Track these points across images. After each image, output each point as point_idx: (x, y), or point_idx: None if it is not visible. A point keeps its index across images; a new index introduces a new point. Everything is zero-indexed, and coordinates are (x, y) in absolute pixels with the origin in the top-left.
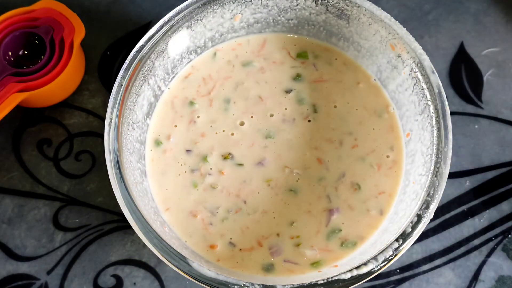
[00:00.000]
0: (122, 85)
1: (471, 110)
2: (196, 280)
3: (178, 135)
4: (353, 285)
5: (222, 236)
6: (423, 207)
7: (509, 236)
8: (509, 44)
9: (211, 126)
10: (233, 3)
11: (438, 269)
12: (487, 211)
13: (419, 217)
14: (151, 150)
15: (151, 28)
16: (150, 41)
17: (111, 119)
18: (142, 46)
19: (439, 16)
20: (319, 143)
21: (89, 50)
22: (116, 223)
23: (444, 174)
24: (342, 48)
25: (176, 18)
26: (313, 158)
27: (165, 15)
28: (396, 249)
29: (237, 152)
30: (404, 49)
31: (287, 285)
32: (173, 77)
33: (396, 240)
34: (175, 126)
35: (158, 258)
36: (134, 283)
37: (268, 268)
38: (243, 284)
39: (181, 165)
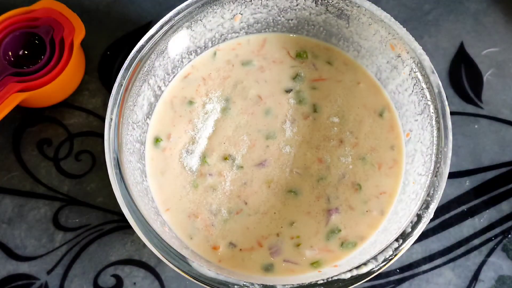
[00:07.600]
0: (122, 85)
1: (471, 110)
2: (196, 280)
3: (178, 135)
4: (353, 285)
5: (224, 237)
6: (423, 207)
7: (509, 236)
8: (509, 44)
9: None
10: (233, 3)
11: (438, 269)
12: (487, 211)
13: (419, 217)
14: (150, 149)
15: (151, 28)
16: (150, 41)
17: (111, 119)
18: (142, 46)
19: (439, 16)
20: (320, 143)
21: (89, 50)
22: (116, 223)
23: (444, 174)
24: (342, 48)
25: (176, 18)
26: (313, 158)
27: (165, 15)
28: (396, 249)
29: (237, 153)
30: (404, 49)
31: (287, 285)
32: (173, 77)
33: (396, 240)
34: (175, 126)
35: (158, 258)
36: (134, 283)
37: (268, 268)
38: (243, 284)
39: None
